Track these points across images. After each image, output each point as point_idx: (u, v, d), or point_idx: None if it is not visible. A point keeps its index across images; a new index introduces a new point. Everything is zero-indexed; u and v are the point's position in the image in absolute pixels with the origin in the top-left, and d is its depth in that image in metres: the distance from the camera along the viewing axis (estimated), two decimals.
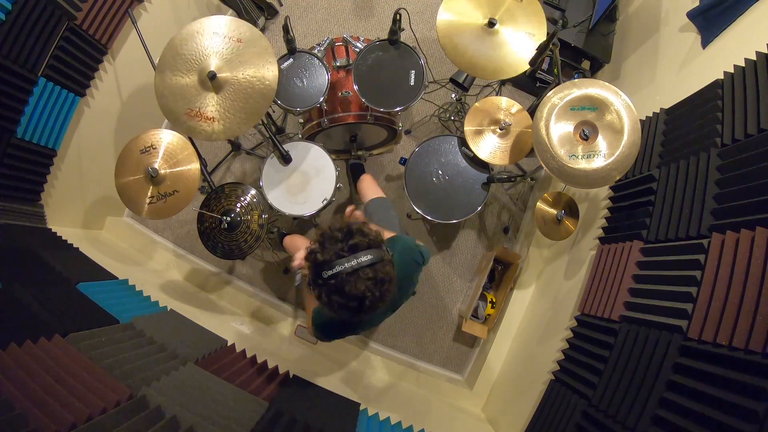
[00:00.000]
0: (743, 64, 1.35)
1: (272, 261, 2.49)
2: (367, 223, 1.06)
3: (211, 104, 1.58)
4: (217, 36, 1.56)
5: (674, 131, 1.61)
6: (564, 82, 1.62)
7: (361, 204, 2.01)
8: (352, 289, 0.96)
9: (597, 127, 1.54)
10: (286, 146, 1.86)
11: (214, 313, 2.17)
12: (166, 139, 1.74)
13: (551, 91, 1.59)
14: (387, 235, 1.46)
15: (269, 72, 1.57)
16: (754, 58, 1.32)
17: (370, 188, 1.96)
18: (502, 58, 1.72)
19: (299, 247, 1.94)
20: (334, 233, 1.00)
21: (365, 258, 0.98)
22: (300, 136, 2.09)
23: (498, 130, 1.94)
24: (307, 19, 2.79)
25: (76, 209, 2.21)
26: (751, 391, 0.96)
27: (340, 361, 2.30)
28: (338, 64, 1.94)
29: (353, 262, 0.97)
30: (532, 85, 2.67)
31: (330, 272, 0.97)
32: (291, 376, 1.70)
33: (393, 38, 1.85)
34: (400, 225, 1.74)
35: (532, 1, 1.73)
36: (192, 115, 1.58)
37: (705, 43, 1.65)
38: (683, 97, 1.61)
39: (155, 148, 1.73)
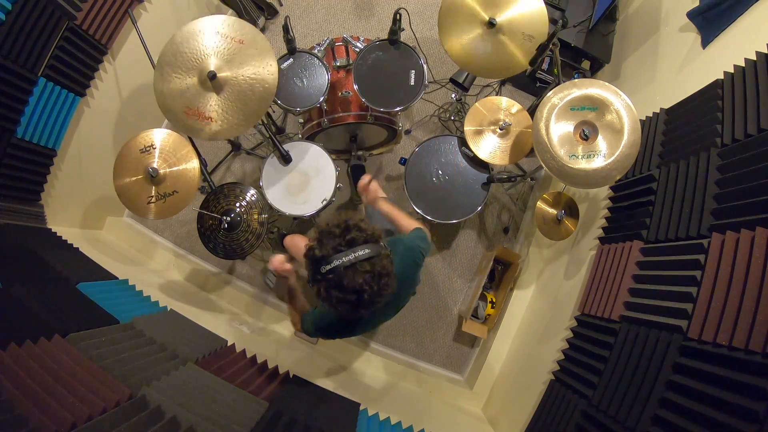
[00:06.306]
0: (743, 64, 1.35)
1: None
2: (365, 220, 1.07)
3: (209, 104, 1.58)
4: (218, 36, 1.56)
5: (674, 131, 1.61)
6: (564, 82, 1.62)
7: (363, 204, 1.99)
8: (350, 282, 0.97)
9: (597, 127, 1.54)
10: (286, 146, 1.86)
11: (214, 313, 2.16)
12: (159, 137, 1.73)
13: (551, 91, 1.59)
14: (407, 223, 1.45)
15: (269, 74, 1.57)
16: (754, 58, 1.32)
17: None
18: (502, 57, 1.72)
19: (300, 246, 1.95)
20: (332, 229, 1.02)
21: (362, 252, 0.98)
22: (300, 136, 2.09)
23: (498, 130, 1.94)
24: (307, 19, 2.79)
25: (76, 209, 2.21)
26: (751, 391, 0.96)
27: (340, 361, 2.30)
28: (338, 64, 1.94)
29: (351, 256, 0.98)
30: (532, 85, 2.67)
31: (328, 267, 0.98)
32: (291, 376, 1.70)
33: (393, 38, 1.85)
34: None
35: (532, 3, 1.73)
36: (190, 114, 1.57)
37: (705, 43, 1.65)
38: (683, 97, 1.61)
39: (155, 148, 1.72)
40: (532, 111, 1.95)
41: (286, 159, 1.85)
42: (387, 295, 1.04)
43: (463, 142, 2.04)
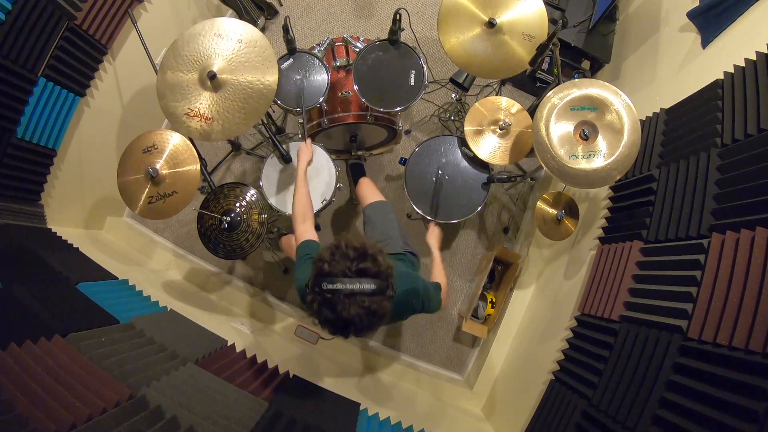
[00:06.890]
0: (743, 64, 1.35)
1: (272, 261, 2.49)
2: (384, 252, 1.05)
3: (210, 104, 1.58)
4: (222, 38, 1.56)
5: (674, 131, 1.61)
6: (564, 82, 1.62)
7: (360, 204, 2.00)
8: (343, 310, 0.96)
9: (597, 127, 1.54)
10: (286, 146, 1.86)
11: (214, 313, 2.17)
12: (174, 141, 1.74)
13: (551, 91, 1.59)
14: (437, 273, 1.57)
15: (269, 75, 1.57)
16: (754, 58, 1.31)
17: (368, 192, 1.94)
18: (502, 57, 1.72)
19: (294, 246, 1.95)
20: (348, 250, 1.00)
21: (367, 286, 0.97)
22: (300, 136, 2.09)
23: (498, 130, 1.94)
24: (307, 19, 2.79)
25: (76, 209, 2.21)
26: (751, 391, 0.96)
27: (340, 361, 2.30)
28: (338, 64, 1.94)
29: (355, 285, 0.97)
30: (532, 85, 2.68)
31: (330, 286, 0.97)
32: (291, 376, 1.70)
33: (393, 38, 1.85)
34: (399, 229, 1.73)
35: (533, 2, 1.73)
36: (192, 115, 1.57)
37: (705, 43, 1.65)
38: (683, 97, 1.61)
39: (157, 148, 1.72)
40: (532, 111, 1.95)
41: (286, 159, 1.85)
42: (372, 332, 1.04)
43: (463, 142, 2.04)
